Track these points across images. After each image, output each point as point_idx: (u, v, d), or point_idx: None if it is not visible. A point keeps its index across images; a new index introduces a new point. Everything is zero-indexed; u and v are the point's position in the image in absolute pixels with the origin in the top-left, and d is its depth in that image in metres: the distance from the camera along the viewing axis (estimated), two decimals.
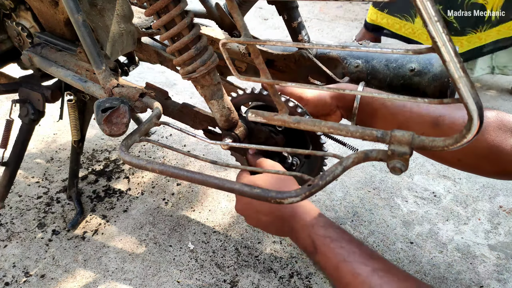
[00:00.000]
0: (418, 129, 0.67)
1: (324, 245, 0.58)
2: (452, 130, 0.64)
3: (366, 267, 0.53)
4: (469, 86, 0.36)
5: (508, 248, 1.07)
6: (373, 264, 0.54)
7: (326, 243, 0.58)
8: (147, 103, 0.72)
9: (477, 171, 0.70)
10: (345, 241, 0.57)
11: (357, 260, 0.54)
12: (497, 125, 0.63)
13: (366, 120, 0.73)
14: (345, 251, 0.56)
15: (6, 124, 1.04)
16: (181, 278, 0.98)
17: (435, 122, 0.66)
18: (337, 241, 0.57)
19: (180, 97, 1.81)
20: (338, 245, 0.57)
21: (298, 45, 0.43)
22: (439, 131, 0.66)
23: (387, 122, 0.71)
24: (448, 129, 0.65)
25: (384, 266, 0.54)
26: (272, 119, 0.51)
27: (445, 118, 0.65)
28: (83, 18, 0.70)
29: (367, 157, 0.47)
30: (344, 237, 0.58)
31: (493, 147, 0.63)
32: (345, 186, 1.28)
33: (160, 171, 0.56)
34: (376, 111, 0.71)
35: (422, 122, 0.67)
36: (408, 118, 0.68)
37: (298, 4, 0.86)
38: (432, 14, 0.32)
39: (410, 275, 0.55)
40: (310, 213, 0.62)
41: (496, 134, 0.63)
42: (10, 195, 1.20)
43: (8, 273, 0.98)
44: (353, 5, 3.13)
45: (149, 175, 1.31)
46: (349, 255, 0.55)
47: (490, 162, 0.65)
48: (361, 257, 0.55)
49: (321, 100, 0.74)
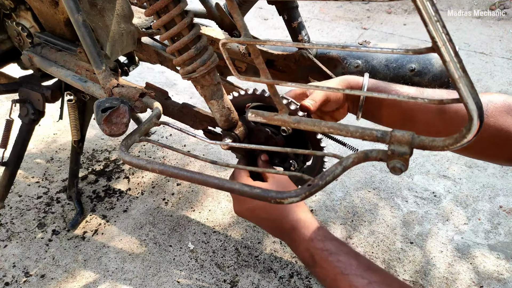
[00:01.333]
0: (423, 117, 0.67)
1: (322, 259, 0.60)
2: (457, 117, 0.65)
3: (363, 280, 0.55)
4: (469, 86, 0.36)
5: (508, 248, 1.07)
6: (370, 276, 0.56)
7: (324, 256, 0.60)
8: (147, 103, 0.72)
9: (486, 157, 0.70)
10: (343, 254, 0.59)
11: (354, 273, 0.56)
12: (505, 110, 0.63)
13: (373, 110, 0.74)
14: (342, 264, 0.58)
15: (6, 124, 1.04)
16: (181, 278, 0.98)
17: (441, 109, 0.66)
18: (335, 254, 0.59)
19: (180, 97, 1.81)
20: (336, 258, 0.59)
21: (298, 45, 0.43)
22: (444, 118, 0.66)
23: (393, 110, 0.71)
24: (453, 116, 0.65)
25: (380, 278, 0.56)
26: (272, 119, 0.51)
27: (451, 106, 0.65)
28: (83, 18, 0.70)
29: (367, 157, 0.47)
30: (342, 250, 0.60)
31: (501, 132, 0.63)
32: (345, 186, 1.28)
33: (160, 171, 0.56)
34: (382, 101, 0.71)
35: (427, 110, 0.67)
36: (413, 106, 0.68)
37: (298, 4, 0.87)
38: (432, 14, 0.32)
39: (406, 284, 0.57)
40: (309, 226, 0.64)
41: (505, 119, 0.63)
42: (10, 195, 1.20)
43: (8, 273, 0.98)
44: (353, 5, 3.13)
45: (149, 175, 1.31)
46: (346, 268, 0.57)
47: (498, 147, 0.65)
48: (358, 269, 0.57)
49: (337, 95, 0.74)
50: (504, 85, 1.99)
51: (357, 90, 0.42)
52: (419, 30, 2.76)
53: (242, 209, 0.70)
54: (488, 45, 2.53)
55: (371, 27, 2.81)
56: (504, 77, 2.04)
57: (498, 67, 2.20)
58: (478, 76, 2.09)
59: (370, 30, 2.75)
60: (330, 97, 0.72)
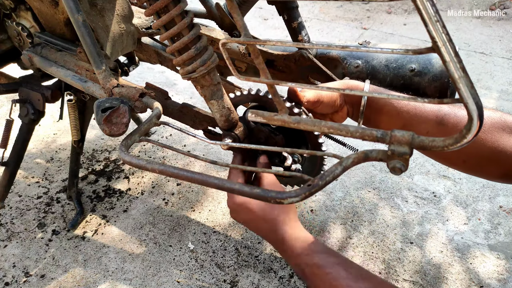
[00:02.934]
0: (423, 128, 0.67)
1: (312, 273, 0.62)
2: (457, 129, 0.65)
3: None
4: (469, 86, 0.36)
5: (508, 248, 1.07)
6: (359, 285, 0.57)
7: (313, 271, 0.62)
8: (147, 103, 0.72)
9: (482, 174, 0.70)
10: (331, 265, 0.61)
11: (343, 283, 0.58)
12: (502, 127, 0.63)
13: (372, 116, 0.74)
14: (331, 276, 0.60)
15: (6, 124, 1.04)
16: (181, 278, 0.98)
17: (440, 120, 0.66)
18: (323, 267, 0.61)
19: (180, 97, 1.81)
20: (323, 271, 0.61)
21: (298, 45, 0.43)
22: (444, 130, 0.66)
23: (392, 119, 0.71)
24: (452, 128, 0.65)
25: (371, 285, 0.58)
26: (272, 119, 0.51)
27: (450, 117, 0.65)
28: (83, 18, 0.70)
29: (367, 157, 0.47)
30: (330, 261, 0.61)
31: (497, 149, 0.63)
32: (345, 186, 1.28)
33: (160, 171, 0.56)
34: (382, 108, 0.71)
35: (427, 121, 0.67)
36: (413, 116, 0.68)
37: (298, 4, 0.86)
38: (432, 14, 0.32)
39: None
40: (296, 240, 0.66)
41: (501, 135, 0.63)
42: (10, 195, 1.20)
43: (8, 273, 0.98)
44: (353, 5, 3.13)
45: (149, 175, 1.31)
46: (335, 279, 0.59)
47: (494, 164, 0.65)
48: (347, 279, 0.58)
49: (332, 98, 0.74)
50: (504, 85, 1.99)
51: (356, 91, 0.42)
52: (419, 30, 2.76)
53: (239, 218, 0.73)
54: (488, 45, 2.53)
55: (371, 27, 2.81)
56: (504, 77, 2.04)
57: (498, 67, 2.20)
58: (478, 76, 2.09)
59: (370, 30, 2.75)
60: (323, 98, 0.71)
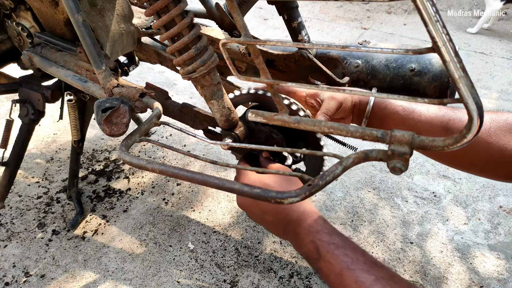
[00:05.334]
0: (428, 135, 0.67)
1: (328, 252, 0.58)
2: None
3: (369, 276, 0.53)
4: (469, 86, 0.36)
5: (508, 248, 1.07)
6: (376, 272, 0.54)
7: (331, 249, 0.58)
8: (147, 103, 0.72)
9: (491, 175, 0.70)
10: (350, 249, 0.57)
11: (361, 268, 0.54)
12: (508, 129, 0.63)
13: (378, 124, 0.74)
14: (349, 259, 0.56)
15: (6, 124, 1.04)
16: (181, 278, 0.98)
17: (445, 126, 0.66)
18: (342, 248, 0.57)
19: (180, 97, 1.81)
20: (343, 252, 0.57)
21: (298, 45, 0.43)
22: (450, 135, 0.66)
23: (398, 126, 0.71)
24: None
25: (387, 274, 0.54)
26: (272, 119, 0.51)
27: (455, 122, 0.65)
28: (83, 18, 0.70)
29: (367, 157, 0.47)
30: (349, 244, 0.58)
31: (505, 151, 0.63)
32: (345, 186, 1.28)
33: (160, 171, 0.56)
34: (388, 116, 0.71)
35: (432, 127, 0.67)
36: (418, 122, 0.68)
37: (298, 4, 0.86)
38: (432, 14, 0.32)
39: (412, 284, 0.56)
40: (316, 219, 0.62)
41: (508, 137, 0.63)
42: (10, 195, 1.20)
43: (8, 273, 0.98)
44: (353, 5, 3.13)
45: (149, 175, 1.31)
46: (353, 263, 0.55)
47: (503, 166, 0.65)
48: (365, 265, 0.55)
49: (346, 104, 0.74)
50: (504, 85, 1.99)
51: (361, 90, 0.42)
52: (419, 30, 2.76)
53: (247, 201, 0.68)
54: (488, 45, 2.53)
55: (371, 27, 2.81)
56: (504, 77, 2.04)
57: (498, 67, 2.20)
58: (478, 76, 2.09)
59: (370, 30, 2.75)
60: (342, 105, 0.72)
